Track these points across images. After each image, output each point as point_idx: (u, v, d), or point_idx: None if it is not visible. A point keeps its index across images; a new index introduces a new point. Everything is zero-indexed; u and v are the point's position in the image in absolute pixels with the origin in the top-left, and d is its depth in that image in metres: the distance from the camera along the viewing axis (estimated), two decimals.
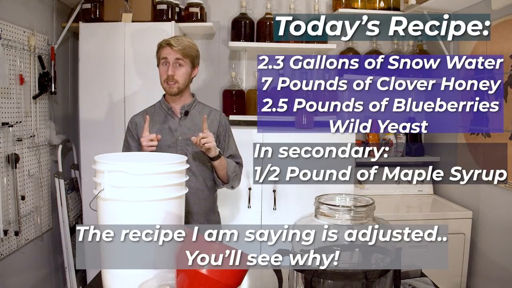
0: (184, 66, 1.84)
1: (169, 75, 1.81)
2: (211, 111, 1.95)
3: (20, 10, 2.30)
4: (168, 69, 1.81)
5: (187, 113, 1.88)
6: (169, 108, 1.89)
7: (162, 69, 1.85)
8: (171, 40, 1.82)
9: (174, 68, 1.81)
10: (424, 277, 1.45)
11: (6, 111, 2.17)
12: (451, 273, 2.50)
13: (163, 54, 1.83)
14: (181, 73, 1.84)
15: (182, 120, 1.88)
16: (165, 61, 1.82)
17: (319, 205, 1.13)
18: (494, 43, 2.29)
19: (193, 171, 1.82)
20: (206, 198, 1.88)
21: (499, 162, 2.26)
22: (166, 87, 1.84)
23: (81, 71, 2.59)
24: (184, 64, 1.83)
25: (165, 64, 1.83)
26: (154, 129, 1.83)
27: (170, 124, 1.87)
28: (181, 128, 1.86)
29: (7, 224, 2.16)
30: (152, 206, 1.25)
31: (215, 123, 1.92)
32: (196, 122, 1.88)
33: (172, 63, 1.81)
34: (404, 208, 2.73)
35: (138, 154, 1.55)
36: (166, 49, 1.81)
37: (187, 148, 1.83)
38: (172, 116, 1.89)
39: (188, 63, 1.85)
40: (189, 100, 1.92)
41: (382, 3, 2.85)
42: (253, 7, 2.93)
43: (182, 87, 1.85)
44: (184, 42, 1.83)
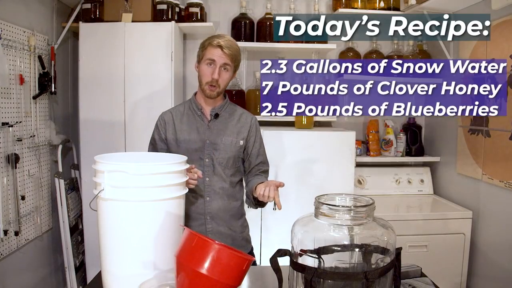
0: (229, 71, 1.77)
1: (214, 78, 1.72)
2: (242, 113, 1.87)
3: (20, 10, 2.30)
4: (214, 72, 1.72)
5: (217, 115, 1.80)
6: (200, 109, 1.81)
7: (206, 69, 1.75)
8: (221, 42, 1.72)
9: (220, 72, 1.73)
10: (424, 277, 1.45)
11: (6, 111, 2.18)
12: (451, 273, 2.50)
13: (211, 55, 1.73)
14: (225, 78, 1.76)
15: (212, 123, 1.80)
16: (212, 62, 1.73)
17: (319, 205, 1.12)
18: (494, 43, 2.29)
19: (219, 174, 1.77)
20: (233, 202, 1.82)
21: (499, 162, 2.27)
22: (207, 89, 1.75)
23: (81, 71, 2.59)
24: (229, 70, 1.76)
25: (210, 65, 1.74)
26: (182, 130, 1.78)
27: (199, 126, 1.79)
28: (209, 131, 1.78)
29: (7, 224, 2.16)
30: (152, 206, 1.25)
31: (246, 127, 1.84)
32: (226, 125, 1.80)
33: (219, 67, 1.72)
34: (404, 208, 2.73)
35: (138, 154, 1.55)
36: (216, 50, 1.72)
37: (213, 153, 1.76)
38: (201, 117, 1.81)
39: (232, 69, 1.78)
40: (220, 102, 1.83)
41: (382, 3, 2.85)
42: (253, 7, 2.93)
43: (221, 91, 1.78)
44: (234, 47, 1.76)
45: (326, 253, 1.07)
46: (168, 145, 1.81)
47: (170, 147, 1.80)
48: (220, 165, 1.77)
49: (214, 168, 1.76)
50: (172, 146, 1.79)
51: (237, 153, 1.81)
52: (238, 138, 1.81)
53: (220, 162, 1.77)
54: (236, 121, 1.83)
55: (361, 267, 1.08)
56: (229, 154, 1.78)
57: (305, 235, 1.11)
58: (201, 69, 1.77)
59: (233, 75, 1.81)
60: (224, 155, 1.77)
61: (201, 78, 1.77)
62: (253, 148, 1.85)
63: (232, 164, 1.80)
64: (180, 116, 1.82)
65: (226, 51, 1.71)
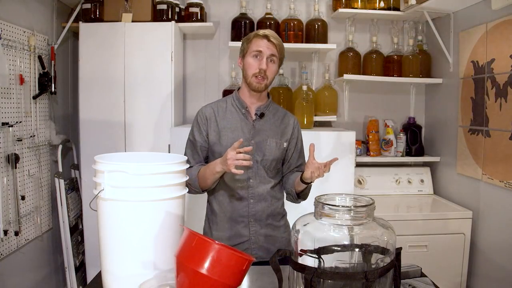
0: (276, 63, 1.70)
1: (262, 69, 1.65)
2: (285, 114, 1.82)
3: (20, 10, 2.30)
4: (262, 62, 1.65)
5: (262, 115, 1.74)
6: (245, 107, 1.74)
7: (253, 61, 1.67)
8: (267, 33, 1.67)
9: (268, 63, 1.67)
10: (424, 277, 1.45)
11: (6, 111, 2.18)
12: (451, 273, 2.50)
13: (257, 46, 1.66)
14: (273, 70, 1.69)
15: (256, 122, 1.73)
16: (259, 54, 1.66)
17: (319, 205, 1.12)
18: (494, 43, 2.29)
19: (263, 176, 1.72)
20: (276, 203, 1.77)
21: (499, 162, 2.26)
22: (254, 82, 1.67)
23: (81, 71, 2.59)
24: (276, 61, 1.70)
25: (257, 57, 1.67)
26: (225, 128, 1.71)
27: (243, 125, 1.72)
28: (254, 132, 1.72)
29: (7, 224, 2.16)
30: (152, 206, 1.25)
31: (289, 128, 1.79)
32: (271, 125, 1.75)
33: (266, 57, 1.66)
34: (404, 208, 2.73)
35: (138, 154, 1.55)
36: (262, 41, 1.66)
37: (258, 154, 1.70)
38: (246, 116, 1.73)
39: (278, 61, 1.71)
40: (265, 100, 1.78)
41: (382, 3, 2.85)
42: (253, 7, 2.93)
43: (269, 84, 1.72)
44: (279, 38, 1.70)
45: (326, 253, 1.07)
46: (210, 144, 1.74)
47: (212, 146, 1.73)
48: (264, 167, 1.72)
49: (258, 170, 1.72)
50: (215, 145, 1.72)
51: (280, 155, 1.76)
52: (282, 140, 1.76)
53: (264, 164, 1.72)
54: (279, 122, 1.78)
55: (361, 267, 1.08)
56: (273, 156, 1.73)
57: (305, 235, 1.11)
58: (246, 62, 1.70)
59: (278, 69, 1.75)
60: (269, 157, 1.72)
61: (247, 71, 1.69)
62: (295, 150, 1.81)
63: (274, 166, 1.75)
64: (223, 112, 1.74)
65: (273, 40, 1.66)
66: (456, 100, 2.68)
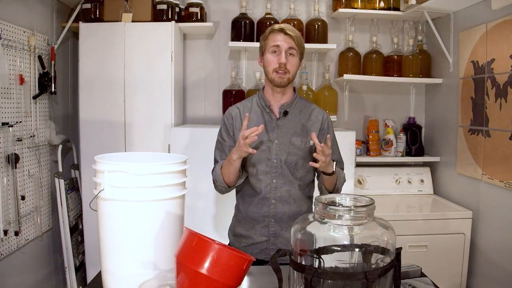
0: (296, 56, 1.66)
1: (282, 63, 1.61)
2: (313, 110, 1.75)
3: (20, 10, 2.30)
4: (281, 57, 1.62)
5: (286, 113, 1.69)
6: (268, 105, 1.71)
7: (271, 57, 1.64)
8: (284, 27, 1.64)
9: (287, 57, 1.63)
10: (424, 277, 1.45)
11: (6, 111, 2.18)
12: (451, 273, 2.50)
13: (274, 41, 1.63)
14: (294, 63, 1.66)
15: (280, 121, 1.69)
16: (277, 48, 1.63)
17: (319, 205, 1.12)
18: (494, 43, 2.29)
19: (287, 176, 1.67)
20: (301, 205, 1.72)
21: (499, 162, 2.26)
22: (276, 77, 1.64)
23: (81, 71, 2.59)
24: (296, 55, 1.66)
25: (275, 52, 1.64)
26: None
27: (267, 124, 1.68)
28: (278, 130, 1.68)
29: (7, 224, 2.16)
30: (152, 206, 1.25)
31: (317, 124, 1.72)
32: (296, 123, 1.70)
33: (284, 51, 1.62)
34: (404, 208, 2.73)
35: (138, 154, 1.55)
36: (279, 35, 1.63)
37: (282, 154, 1.66)
38: (269, 115, 1.70)
39: (298, 54, 1.67)
40: (290, 96, 1.72)
41: (382, 3, 2.85)
42: (253, 7, 2.93)
43: (292, 78, 1.67)
44: (296, 30, 1.66)
45: (326, 253, 1.07)
46: (236, 143, 1.66)
47: None
48: (289, 167, 1.67)
49: (282, 170, 1.67)
50: None
51: (307, 154, 1.68)
52: (309, 138, 1.68)
53: (289, 164, 1.67)
54: (306, 119, 1.72)
55: (361, 267, 1.08)
56: (298, 155, 1.67)
57: (305, 235, 1.11)
58: (266, 59, 1.67)
59: (299, 63, 1.70)
60: (293, 157, 1.67)
61: (267, 68, 1.66)
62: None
63: (301, 166, 1.69)
64: (248, 111, 1.70)
65: (290, 33, 1.62)
66: (456, 100, 2.68)
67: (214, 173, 1.73)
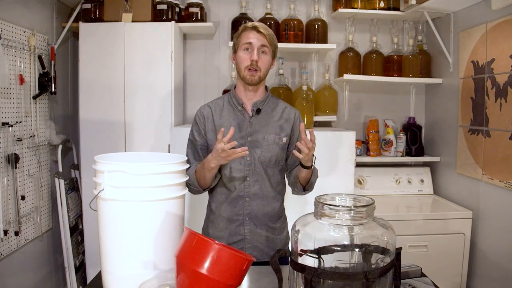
0: (268, 54, 1.68)
1: (253, 60, 1.63)
2: (284, 108, 1.78)
3: (20, 10, 2.30)
4: (253, 54, 1.64)
5: (259, 111, 1.71)
6: (240, 103, 1.72)
7: (243, 54, 1.66)
8: (257, 25, 1.65)
9: (259, 55, 1.64)
10: (424, 277, 1.45)
11: (6, 111, 2.18)
12: (451, 273, 2.50)
13: (247, 39, 1.65)
14: (265, 61, 1.67)
15: (253, 119, 1.71)
16: (249, 46, 1.65)
17: (319, 205, 1.12)
18: (494, 43, 2.29)
19: (260, 174, 1.69)
20: (274, 203, 1.74)
21: (499, 162, 2.26)
22: (247, 75, 1.66)
23: (81, 71, 2.59)
24: (268, 52, 1.67)
25: (247, 49, 1.66)
26: (222, 126, 1.67)
27: (240, 122, 1.70)
28: (251, 128, 1.69)
29: (7, 224, 2.16)
30: (152, 206, 1.25)
31: (289, 122, 1.74)
32: (268, 121, 1.72)
33: (257, 49, 1.64)
34: (404, 208, 2.73)
35: (138, 154, 1.55)
36: (251, 33, 1.65)
37: (255, 150, 1.68)
38: (242, 113, 1.71)
39: (270, 53, 1.69)
40: (262, 95, 1.74)
41: (382, 3, 2.84)
42: (253, 7, 2.93)
43: (263, 77, 1.69)
44: (269, 29, 1.68)
45: (326, 253, 1.07)
46: (208, 142, 1.72)
47: (211, 145, 1.70)
48: (262, 164, 1.69)
49: (256, 167, 1.68)
50: (213, 143, 1.68)
51: (280, 151, 1.71)
52: (281, 135, 1.71)
53: (262, 161, 1.68)
54: (278, 117, 1.74)
55: (361, 267, 1.08)
56: (272, 152, 1.69)
57: (305, 235, 1.11)
58: (238, 57, 1.68)
59: (272, 61, 1.72)
60: (267, 154, 1.68)
61: (240, 65, 1.68)
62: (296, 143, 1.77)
63: (274, 163, 1.71)
64: (220, 110, 1.73)
65: (262, 31, 1.64)
66: (456, 100, 2.68)
67: (188, 176, 1.67)
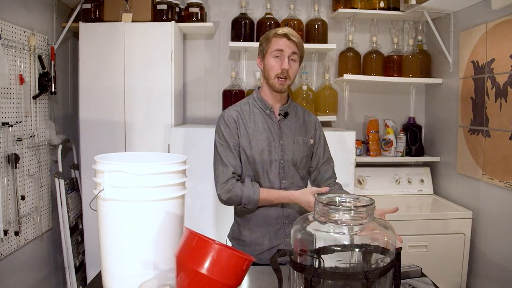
0: (297, 62, 1.68)
1: (284, 69, 1.62)
2: (304, 111, 1.82)
3: (20, 10, 2.30)
4: (283, 62, 1.62)
5: (286, 114, 1.72)
6: (269, 108, 1.71)
7: (274, 62, 1.64)
8: (286, 31, 1.63)
9: (290, 62, 1.64)
10: (424, 277, 1.45)
11: (6, 111, 2.18)
12: (451, 273, 2.50)
13: (278, 46, 1.63)
14: (295, 69, 1.67)
15: (282, 122, 1.72)
16: (280, 53, 1.63)
17: (319, 205, 1.12)
18: (494, 43, 2.29)
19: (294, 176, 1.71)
20: None
21: (499, 162, 2.26)
22: (277, 83, 1.65)
23: (81, 71, 2.59)
24: (297, 60, 1.67)
25: (277, 57, 1.64)
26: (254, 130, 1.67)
27: (270, 126, 1.70)
28: (281, 131, 1.70)
29: (7, 224, 2.16)
30: (152, 206, 1.25)
31: (311, 124, 1.79)
32: (295, 124, 1.74)
33: (287, 57, 1.63)
34: (404, 208, 2.73)
35: (138, 154, 1.55)
36: (282, 40, 1.63)
37: (287, 154, 1.69)
38: (270, 116, 1.71)
39: (299, 60, 1.69)
40: (286, 99, 1.75)
41: (382, 3, 2.84)
42: (253, 7, 2.93)
43: (291, 84, 1.70)
44: (298, 36, 1.67)
45: (326, 253, 1.07)
46: (241, 147, 1.68)
47: (244, 149, 1.67)
48: (295, 166, 1.71)
49: (289, 170, 1.70)
50: (246, 148, 1.67)
51: (309, 152, 1.76)
52: (308, 137, 1.75)
53: (295, 163, 1.71)
54: (302, 120, 1.78)
55: (361, 267, 1.08)
56: (303, 153, 1.72)
57: (305, 235, 1.11)
58: (267, 63, 1.66)
59: (298, 68, 1.72)
60: (298, 155, 1.71)
61: (269, 73, 1.66)
62: (319, 145, 1.80)
63: (305, 164, 1.75)
64: (248, 115, 1.71)
65: (293, 39, 1.63)
66: (456, 100, 2.68)
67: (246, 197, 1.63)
